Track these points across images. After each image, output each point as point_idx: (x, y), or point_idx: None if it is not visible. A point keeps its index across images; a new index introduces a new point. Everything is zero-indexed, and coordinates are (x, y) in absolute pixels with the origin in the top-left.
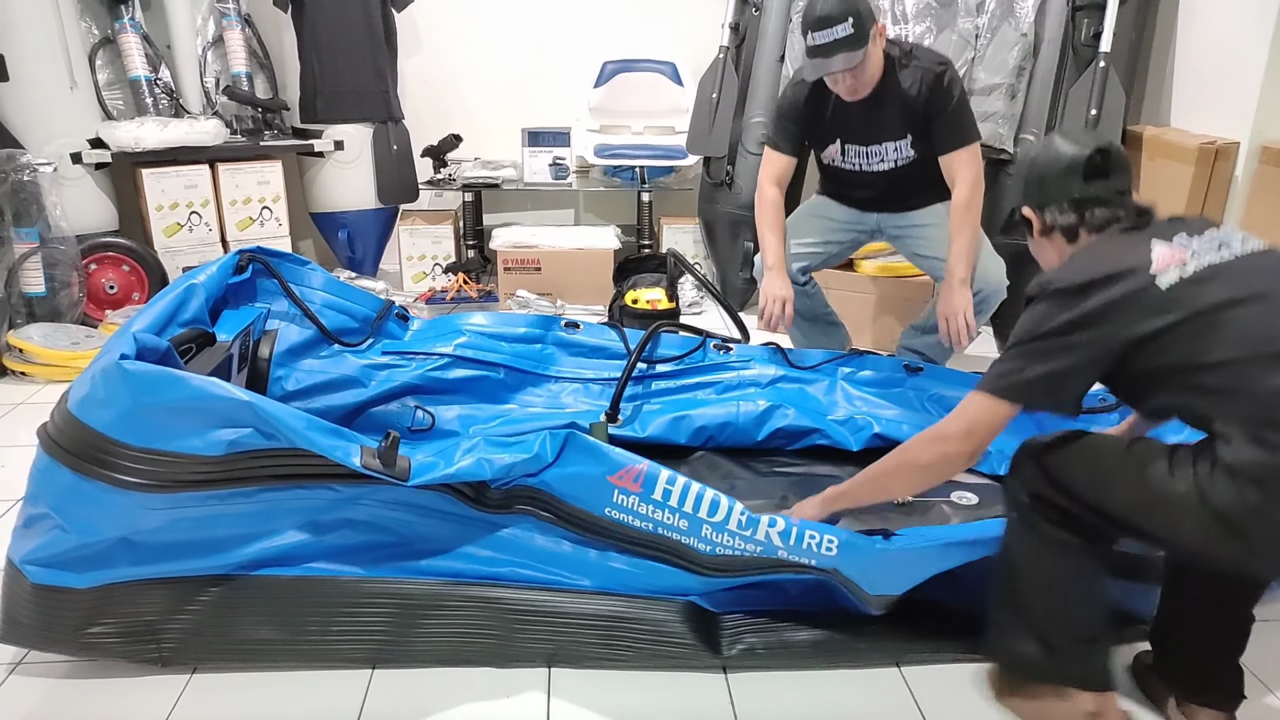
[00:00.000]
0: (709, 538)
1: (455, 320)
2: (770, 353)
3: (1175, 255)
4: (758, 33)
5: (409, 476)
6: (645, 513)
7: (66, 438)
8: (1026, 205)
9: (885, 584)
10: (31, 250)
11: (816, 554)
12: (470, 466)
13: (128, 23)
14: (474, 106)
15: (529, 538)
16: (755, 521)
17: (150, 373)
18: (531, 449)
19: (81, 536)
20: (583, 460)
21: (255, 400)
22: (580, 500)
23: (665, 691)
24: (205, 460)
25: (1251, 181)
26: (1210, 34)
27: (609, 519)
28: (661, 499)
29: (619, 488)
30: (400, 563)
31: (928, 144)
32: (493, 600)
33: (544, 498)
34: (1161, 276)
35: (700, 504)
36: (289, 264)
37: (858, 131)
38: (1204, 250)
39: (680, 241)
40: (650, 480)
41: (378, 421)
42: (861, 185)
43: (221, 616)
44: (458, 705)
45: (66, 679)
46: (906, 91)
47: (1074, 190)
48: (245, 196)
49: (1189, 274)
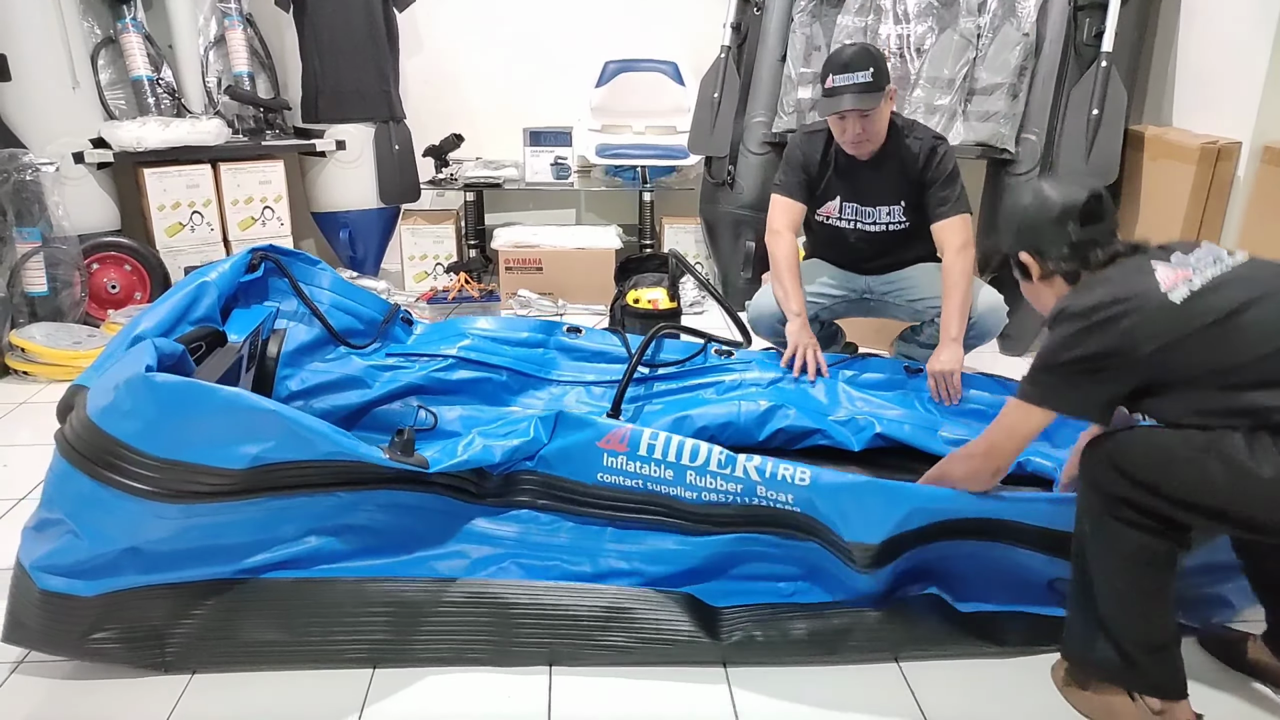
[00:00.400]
0: (693, 483)
1: (459, 324)
2: (772, 357)
3: (1179, 274)
4: (759, 32)
5: (429, 466)
6: (634, 470)
7: (86, 445)
8: (1024, 251)
9: (860, 526)
10: (34, 250)
11: (791, 485)
12: (478, 453)
13: (130, 22)
14: (475, 106)
15: (526, 530)
16: (733, 460)
17: (177, 385)
18: (527, 433)
19: (94, 544)
20: (573, 432)
21: (283, 410)
22: (574, 472)
23: (666, 691)
24: (228, 473)
25: (1253, 181)
26: (1212, 34)
27: (602, 485)
28: (646, 454)
29: (607, 450)
30: (400, 563)
31: (919, 215)
32: (492, 597)
33: (541, 478)
34: (1172, 293)
35: (681, 452)
36: (300, 263)
37: (859, 191)
38: (1202, 265)
39: (682, 241)
40: (635, 439)
41: (381, 421)
42: (850, 247)
43: (225, 621)
44: (458, 706)
45: (68, 679)
46: (905, 159)
47: (1072, 235)
48: (247, 196)
49: (1197, 287)
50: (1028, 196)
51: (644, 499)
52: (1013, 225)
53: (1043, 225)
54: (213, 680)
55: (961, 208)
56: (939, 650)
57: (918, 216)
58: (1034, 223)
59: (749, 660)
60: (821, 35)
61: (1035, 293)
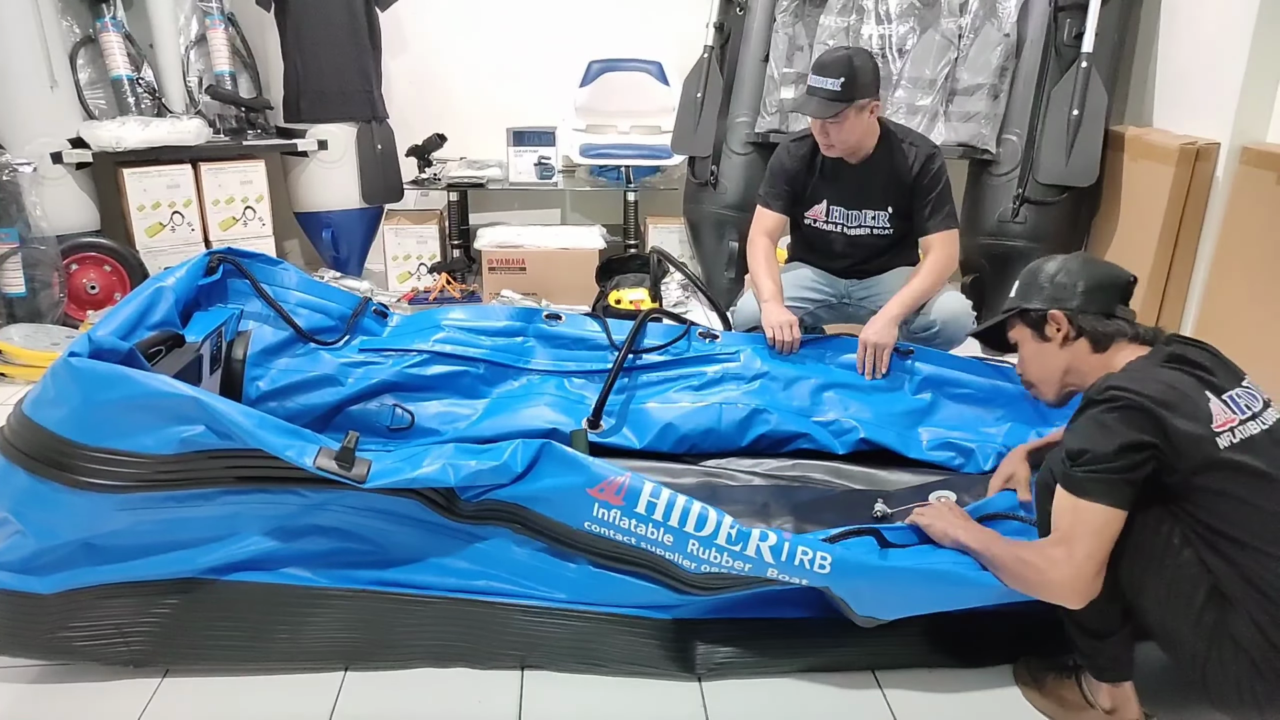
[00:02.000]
0: (695, 554)
1: (434, 315)
2: (756, 339)
3: (1229, 417)
4: (742, 32)
5: (366, 479)
6: (628, 527)
7: (20, 439)
8: (1057, 309)
9: (875, 607)
10: (11, 250)
11: (809, 572)
12: (434, 472)
13: (109, 21)
14: (459, 106)
15: (505, 549)
16: (746, 536)
17: (98, 369)
18: (500, 457)
19: (40, 540)
20: (560, 472)
21: (202, 396)
22: (558, 514)
23: (638, 696)
24: (158, 459)
25: (1232, 182)
26: (1192, 35)
27: (588, 533)
28: (645, 513)
29: (600, 501)
30: (372, 572)
31: (905, 223)
32: (464, 614)
33: (519, 513)
34: (1220, 437)
35: (687, 518)
36: (261, 264)
37: (845, 194)
38: (1244, 412)
39: (666, 241)
40: (633, 494)
41: (356, 421)
42: (834, 251)
43: (191, 621)
44: (430, 706)
45: (36, 683)
46: (898, 165)
47: (1110, 306)
48: (228, 196)
49: (1238, 439)
50: (1062, 262)
51: (635, 555)
52: (1043, 284)
53: (1098, 287)
54: (183, 684)
55: (951, 224)
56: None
57: (903, 225)
58: (1089, 283)
59: (724, 675)
60: (804, 35)
61: (1041, 354)
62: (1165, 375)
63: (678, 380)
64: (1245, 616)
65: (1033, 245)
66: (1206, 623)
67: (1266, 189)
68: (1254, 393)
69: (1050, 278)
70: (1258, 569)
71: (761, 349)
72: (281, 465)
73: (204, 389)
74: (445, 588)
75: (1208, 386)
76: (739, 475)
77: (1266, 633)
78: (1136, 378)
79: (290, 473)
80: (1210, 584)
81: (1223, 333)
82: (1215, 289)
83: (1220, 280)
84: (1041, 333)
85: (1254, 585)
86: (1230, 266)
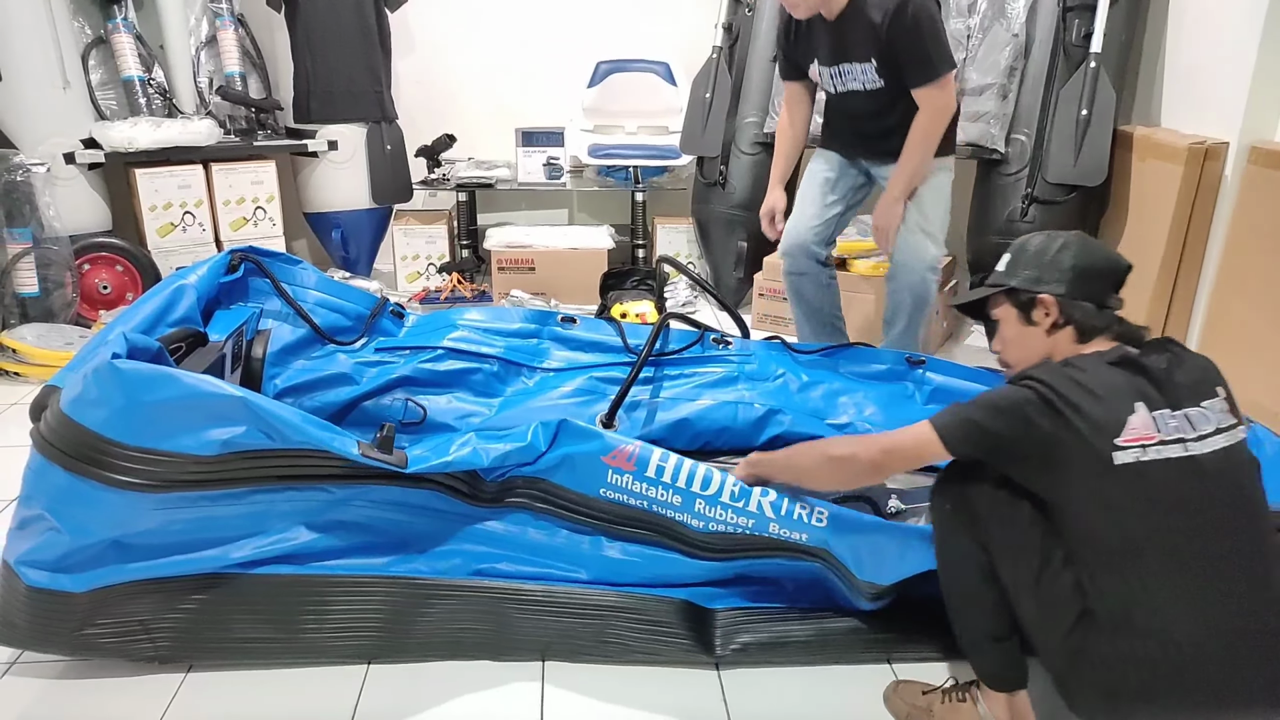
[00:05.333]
0: (702, 512)
1: (450, 315)
2: (773, 347)
3: (1146, 434)
4: (750, 33)
5: (407, 465)
6: (639, 490)
7: (59, 437)
8: (1048, 292)
9: (873, 568)
10: (24, 251)
11: (807, 525)
12: (466, 456)
13: (121, 22)
14: (468, 106)
15: (523, 532)
16: (747, 493)
17: (143, 371)
18: (524, 438)
19: (75, 538)
20: (577, 442)
21: (250, 397)
22: (576, 483)
23: (658, 686)
24: (199, 460)
25: (1240, 182)
26: (1200, 34)
27: (604, 499)
28: (655, 476)
29: (613, 467)
30: (394, 561)
31: (894, 76)
32: (487, 593)
33: (540, 485)
34: (1120, 452)
35: (693, 479)
36: (281, 263)
37: (828, 50)
38: (1172, 432)
39: (674, 241)
40: (643, 459)
41: (369, 415)
42: (844, 117)
43: (216, 616)
44: (453, 699)
45: (61, 679)
46: (871, 16)
47: (1107, 297)
48: (239, 196)
49: (1147, 458)
50: (1059, 240)
51: (647, 519)
52: (1033, 262)
53: (1093, 274)
54: (207, 678)
55: (937, 71)
56: (933, 653)
57: (893, 79)
58: (1084, 269)
59: (743, 663)
60: None
61: (1023, 337)
62: (1100, 376)
63: (693, 377)
64: (1108, 641)
65: None
66: (1072, 644)
67: (1275, 188)
68: (1208, 414)
69: (1043, 255)
70: (1127, 595)
71: (777, 354)
72: (314, 462)
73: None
74: (466, 571)
75: (1142, 397)
76: None
77: (1124, 658)
78: (1058, 372)
79: (321, 469)
80: (1082, 607)
81: (1231, 332)
82: (1224, 288)
83: (1229, 279)
84: (1029, 316)
85: (1121, 612)
86: (1239, 266)
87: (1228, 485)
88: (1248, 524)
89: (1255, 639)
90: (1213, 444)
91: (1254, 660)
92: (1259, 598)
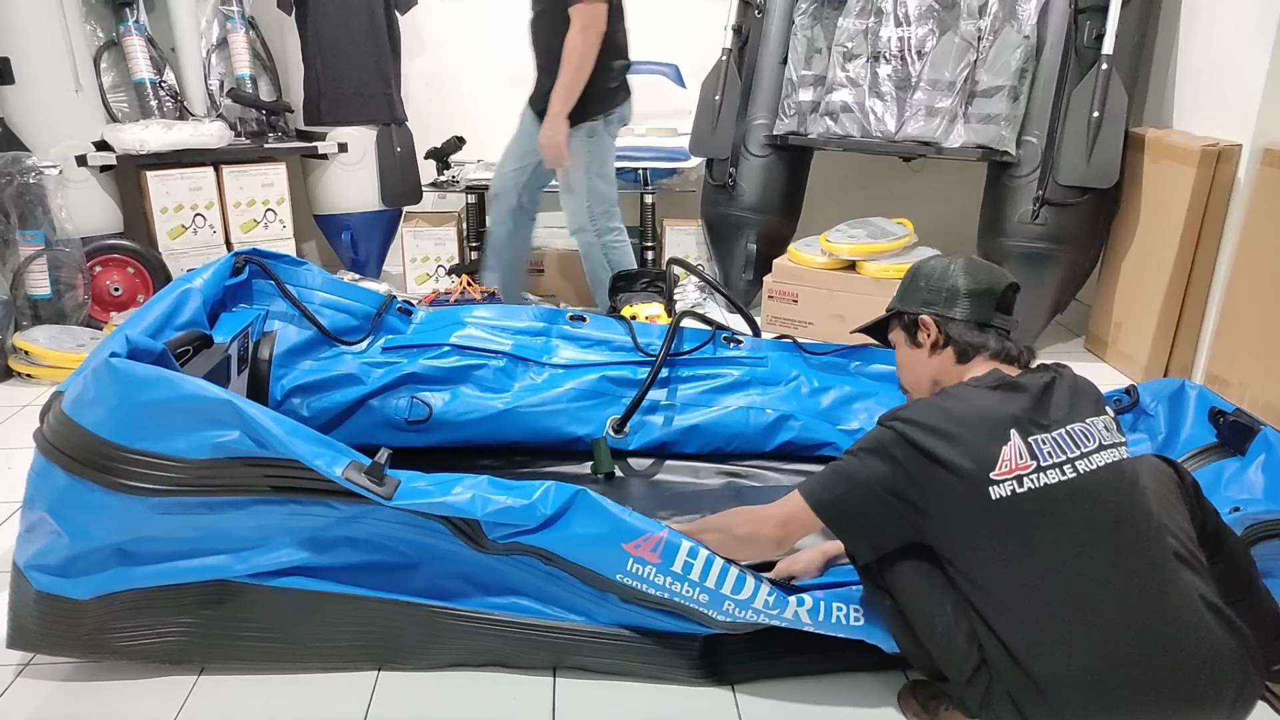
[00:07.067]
0: (730, 612)
1: (458, 313)
2: (785, 347)
3: (1019, 463)
4: (760, 35)
5: (393, 496)
6: (662, 584)
7: (60, 438)
8: (927, 313)
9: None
10: (37, 253)
11: (845, 626)
12: (462, 502)
13: (132, 25)
14: (477, 108)
15: (534, 576)
16: (784, 602)
17: (137, 370)
18: (529, 496)
19: (76, 542)
20: (593, 523)
21: (236, 400)
22: (591, 563)
23: (673, 700)
24: (192, 463)
25: (1253, 184)
26: (1213, 36)
27: (621, 584)
28: (682, 571)
29: (635, 557)
30: (404, 584)
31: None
32: (495, 627)
33: (550, 558)
34: (995, 486)
35: (724, 580)
36: (285, 265)
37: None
38: (1049, 456)
39: (683, 243)
40: (670, 551)
41: (376, 413)
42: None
43: (225, 624)
44: (464, 708)
45: (73, 681)
46: None
47: (986, 315)
48: (249, 199)
49: (1024, 489)
50: (945, 263)
51: (669, 604)
52: (921, 285)
53: (968, 294)
54: (219, 683)
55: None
56: None
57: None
58: (956, 288)
59: (756, 677)
60: (823, 38)
61: (912, 360)
62: (975, 403)
63: (705, 379)
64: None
65: (1053, 247)
66: (975, 693)
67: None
68: (1092, 431)
69: (929, 279)
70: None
71: (789, 355)
72: (313, 476)
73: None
74: (477, 604)
75: (1016, 424)
76: (764, 475)
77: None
78: (927, 407)
79: (321, 484)
80: (980, 657)
81: (1245, 335)
82: (1236, 290)
83: (1241, 282)
84: (914, 338)
85: (1015, 656)
86: (1252, 268)
87: (1117, 502)
88: (1141, 541)
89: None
90: (1099, 459)
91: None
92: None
